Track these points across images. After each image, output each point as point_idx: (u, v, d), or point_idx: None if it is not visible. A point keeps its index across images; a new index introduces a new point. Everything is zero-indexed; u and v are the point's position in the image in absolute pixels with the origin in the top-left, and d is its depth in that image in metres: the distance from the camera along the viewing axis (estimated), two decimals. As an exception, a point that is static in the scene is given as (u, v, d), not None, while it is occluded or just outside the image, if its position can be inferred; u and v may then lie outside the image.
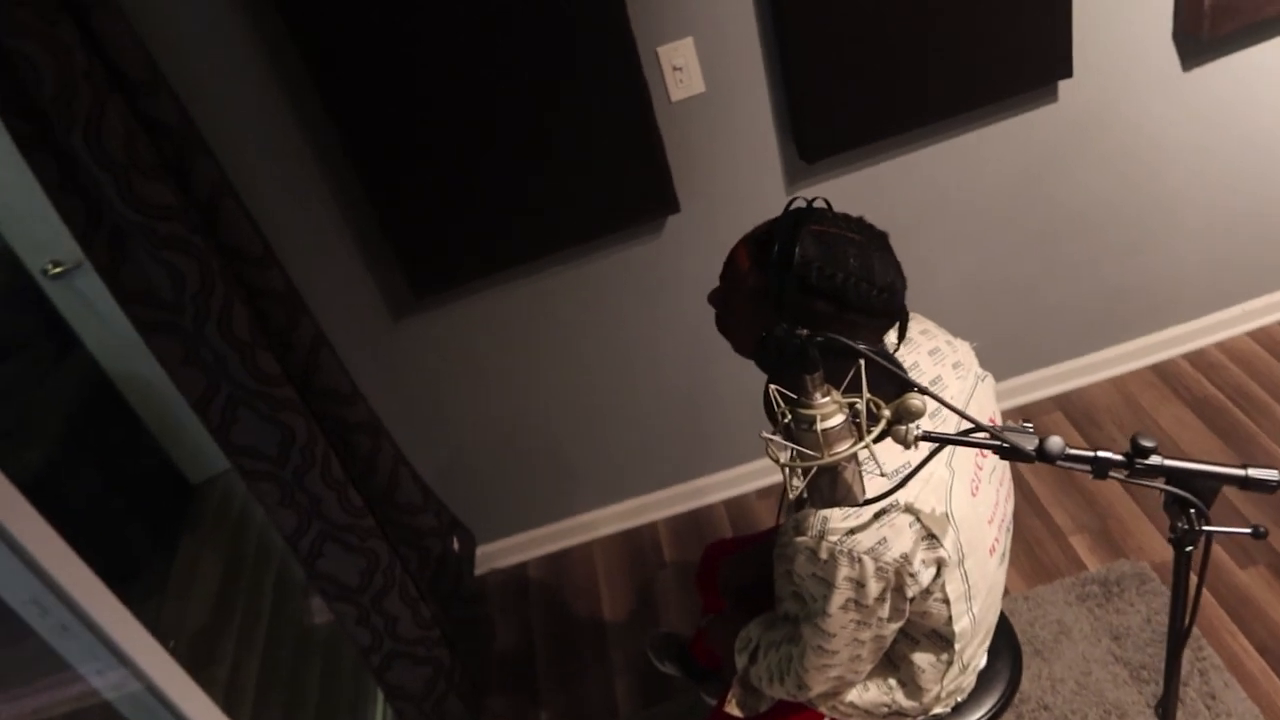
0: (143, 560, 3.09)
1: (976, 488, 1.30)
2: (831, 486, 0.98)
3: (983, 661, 1.56)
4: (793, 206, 1.24)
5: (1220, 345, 2.77)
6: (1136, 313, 2.67)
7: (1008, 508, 1.43)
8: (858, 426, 0.96)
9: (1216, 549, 2.27)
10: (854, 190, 2.24)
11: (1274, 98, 2.33)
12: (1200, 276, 2.63)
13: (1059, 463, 0.91)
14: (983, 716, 1.54)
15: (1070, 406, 2.73)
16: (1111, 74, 2.22)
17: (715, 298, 1.30)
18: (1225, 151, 2.40)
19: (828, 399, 0.94)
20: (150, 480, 3.31)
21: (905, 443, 0.95)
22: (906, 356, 1.35)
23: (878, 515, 1.18)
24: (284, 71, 1.89)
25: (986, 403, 1.39)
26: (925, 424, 0.98)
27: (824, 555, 1.20)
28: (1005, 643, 1.63)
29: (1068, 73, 2.15)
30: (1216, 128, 2.35)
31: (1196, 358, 2.75)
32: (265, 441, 1.75)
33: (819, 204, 1.24)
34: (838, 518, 1.19)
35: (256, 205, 1.99)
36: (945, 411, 1.28)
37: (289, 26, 1.78)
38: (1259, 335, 2.76)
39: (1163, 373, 2.74)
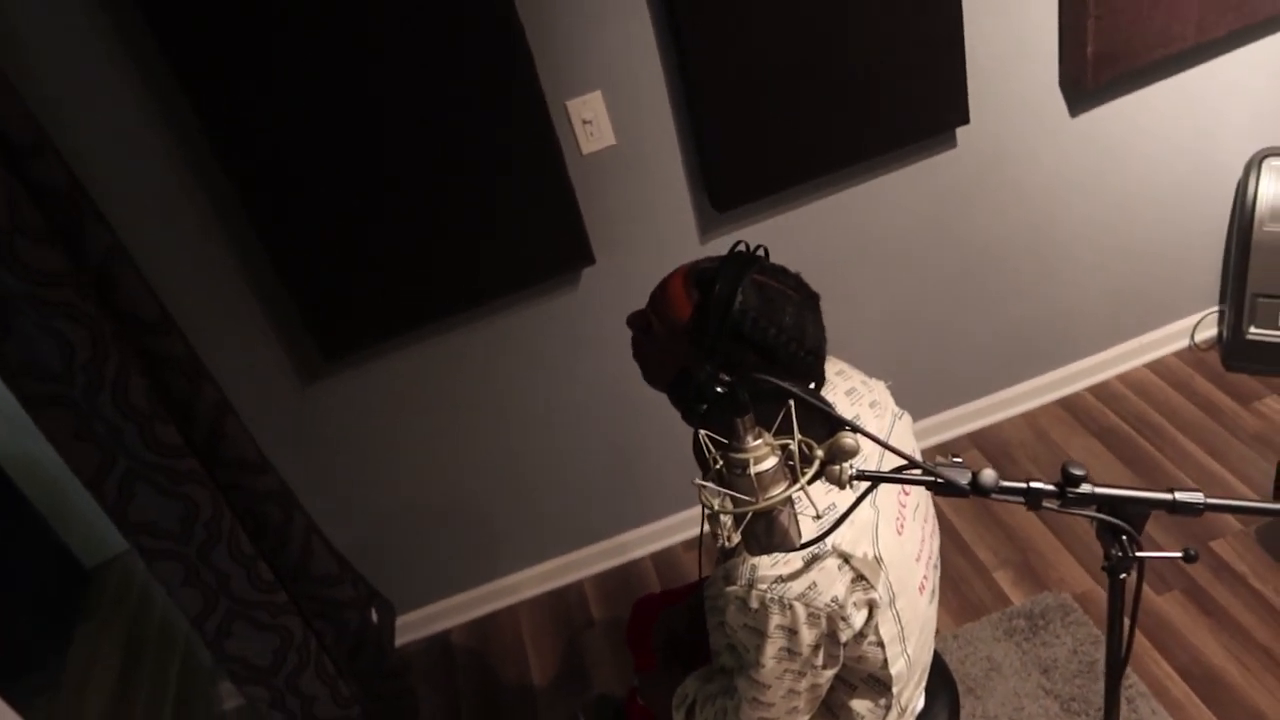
0: (33, 653, 2.88)
1: (901, 526, 1.30)
2: (768, 532, 0.96)
3: (920, 704, 1.55)
4: (736, 250, 1.23)
5: (1121, 377, 2.86)
6: (1042, 348, 2.75)
7: (934, 544, 1.43)
8: (791, 469, 0.94)
9: (1131, 576, 2.32)
10: (766, 236, 2.26)
11: (1157, 138, 2.45)
12: (1098, 311, 2.73)
13: (993, 495, 0.91)
14: (924, 760, 1.52)
15: (985, 442, 2.78)
16: (1006, 120, 2.31)
17: (637, 322, 1.28)
18: (1112, 192, 2.51)
19: (760, 441, 0.92)
20: (40, 566, 3.10)
21: (840, 482, 0.93)
22: (825, 397, 1.35)
23: (807, 561, 1.17)
24: (178, 131, 1.83)
25: (905, 440, 1.40)
26: (854, 462, 0.96)
27: (754, 604, 1.18)
28: (941, 683, 1.61)
29: (964, 119, 2.23)
30: (1103, 169, 2.46)
31: (1100, 390, 2.84)
32: (166, 517, 1.65)
33: (760, 253, 1.24)
34: (766, 565, 1.17)
35: (153, 269, 1.91)
36: (867, 451, 1.28)
37: (179, 79, 1.72)
38: (1156, 366, 2.87)
39: (1070, 406, 2.82)
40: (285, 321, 2.08)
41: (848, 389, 1.37)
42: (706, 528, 1.00)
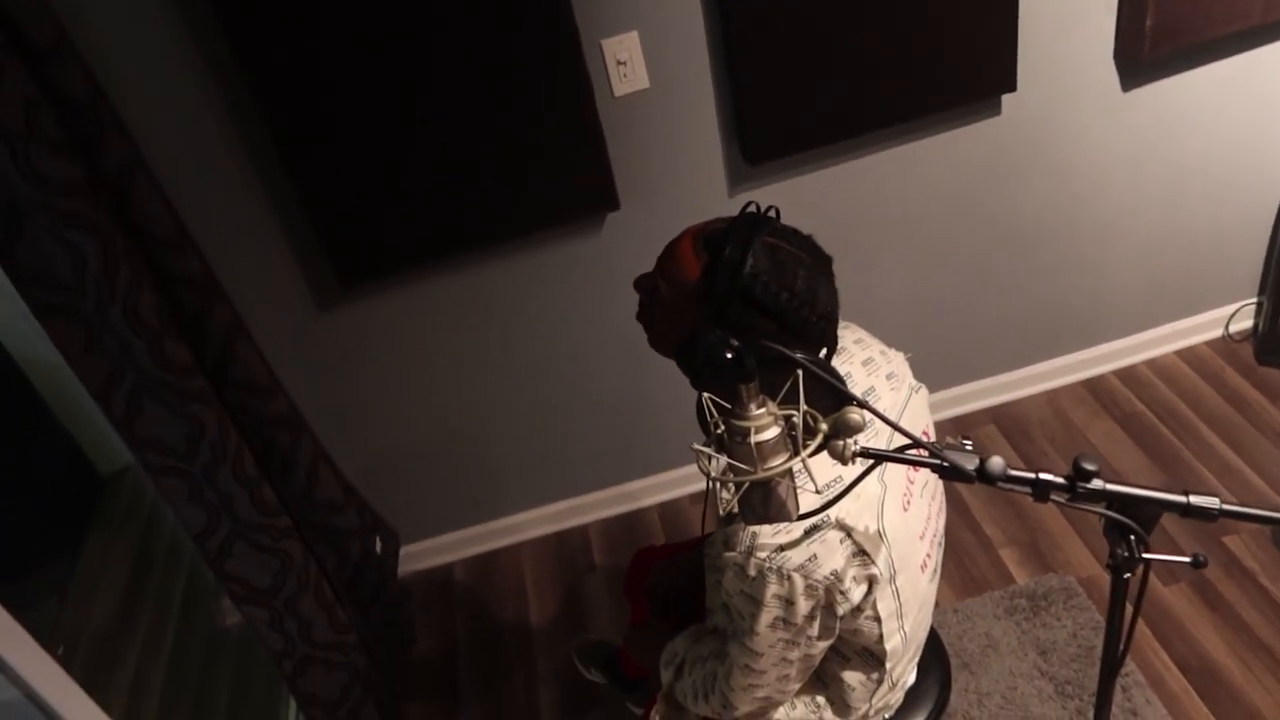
0: (44, 555, 2.93)
1: (908, 502, 1.27)
2: (764, 502, 0.94)
3: (912, 678, 1.54)
4: (747, 211, 1.19)
5: (1149, 363, 2.80)
6: (1070, 328, 2.70)
7: (940, 522, 1.41)
8: (793, 440, 0.92)
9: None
10: (795, 194, 2.21)
11: (1209, 121, 2.36)
12: (1132, 295, 2.66)
13: (1000, 484, 0.88)
14: (910, 735, 1.51)
15: (1003, 419, 2.74)
16: (1054, 90, 2.23)
17: (644, 285, 1.24)
18: (1159, 172, 2.43)
19: (763, 410, 0.89)
20: (56, 471, 3.14)
21: (843, 458, 0.91)
22: (840, 366, 1.32)
23: (809, 532, 1.14)
24: (204, 44, 1.79)
25: (920, 415, 1.36)
26: (859, 438, 0.94)
27: (752, 572, 1.16)
28: (934, 658, 1.60)
29: (1012, 86, 2.15)
30: (1152, 148, 2.38)
31: (1126, 374, 2.79)
32: (172, 435, 1.65)
33: (771, 214, 1.20)
34: (767, 533, 1.15)
35: (172, 185, 1.89)
36: (878, 425, 1.25)
37: (212, -3, 1.68)
38: (1186, 355, 2.80)
39: (1094, 388, 2.77)
40: (304, 246, 2.06)
41: (865, 358, 1.34)
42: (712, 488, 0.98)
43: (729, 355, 0.93)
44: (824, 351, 1.21)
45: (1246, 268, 2.70)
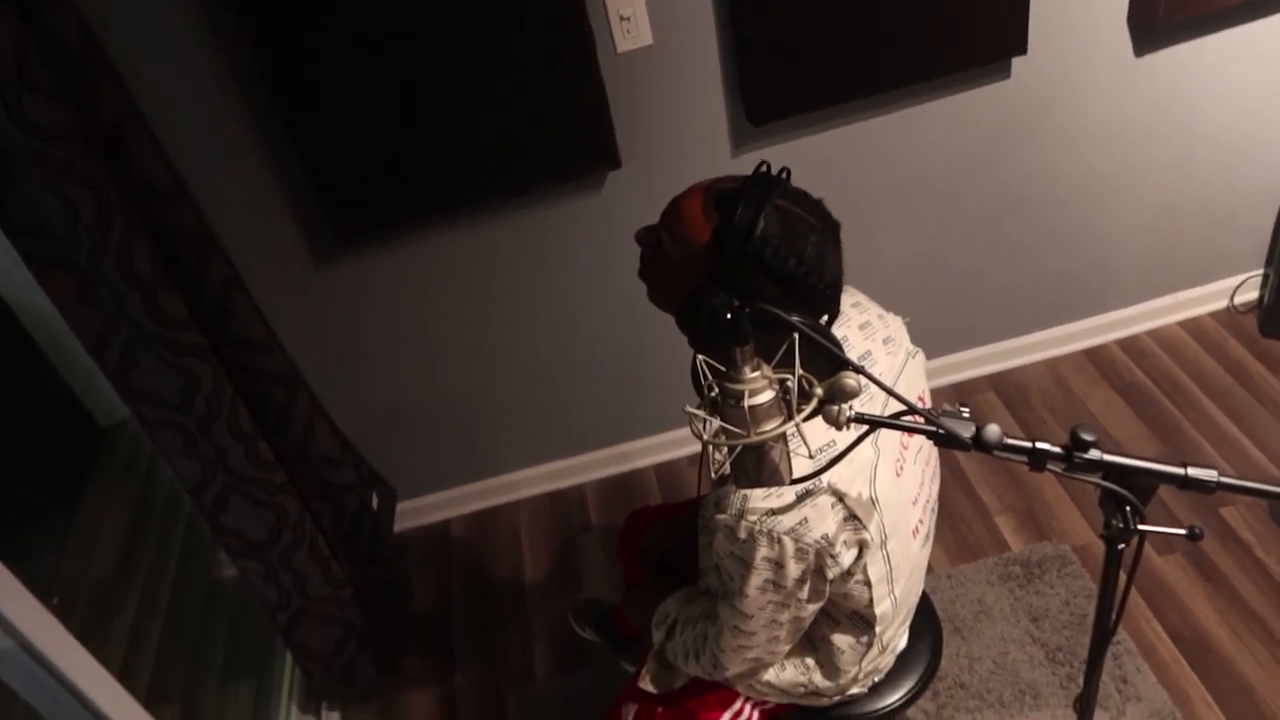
0: (43, 506, 2.94)
1: (901, 468, 1.27)
2: (757, 466, 0.93)
3: (903, 643, 1.54)
4: (759, 172, 1.17)
5: (1152, 333, 2.79)
6: (1073, 296, 2.68)
7: (933, 488, 1.40)
8: (787, 404, 0.91)
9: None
10: (799, 156, 2.18)
11: (1222, 88, 2.33)
12: (1137, 264, 2.64)
13: (996, 453, 0.87)
14: (901, 698, 1.52)
15: (1003, 386, 2.73)
16: (1065, 54, 2.19)
17: (647, 239, 1.22)
18: (1170, 140, 2.39)
19: (757, 374, 0.88)
20: (55, 422, 3.15)
21: (837, 424, 0.90)
22: (837, 330, 1.30)
23: (800, 496, 1.14)
24: (202, -8, 1.76)
25: (916, 379, 1.35)
26: (855, 403, 0.93)
27: (743, 535, 1.16)
28: (926, 623, 1.61)
29: (1022, 49, 2.11)
30: (1163, 115, 2.34)
31: (1129, 344, 2.77)
32: (167, 388, 1.64)
33: (783, 176, 1.18)
34: (759, 497, 1.14)
35: (168, 136, 1.86)
36: (873, 390, 1.24)
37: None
38: (1190, 325, 2.78)
39: (1095, 357, 2.76)
40: (302, 201, 2.04)
41: (862, 322, 1.32)
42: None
43: (731, 317, 0.92)
44: (825, 318, 1.19)
45: (1254, 239, 2.67)
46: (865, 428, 0.98)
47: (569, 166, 2.06)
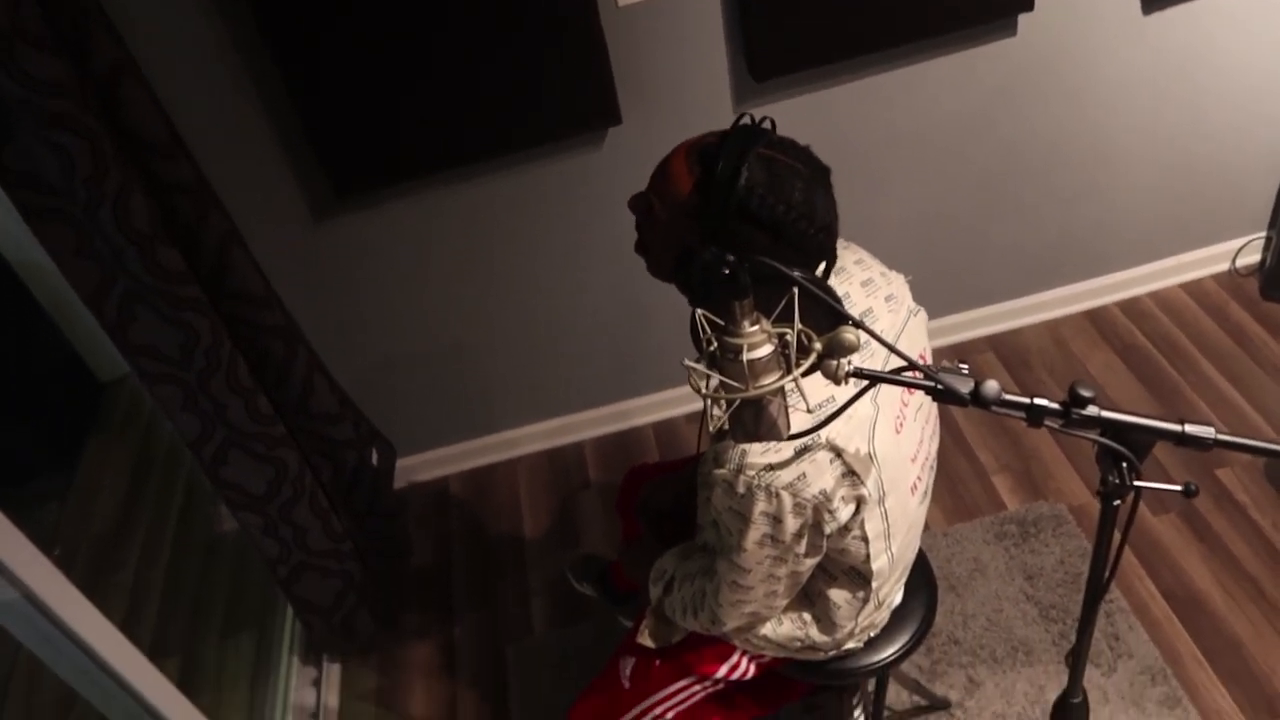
0: (44, 461, 2.96)
1: (901, 425, 1.27)
2: (755, 420, 0.93)
3: (898, 598, 1.56)
4: (741, 123, 1.16)
5: (1153, 295, 2.78)
6: (1074, 258, 2.67)
7: (932, 446, 1.41)
8: (786, 358, 0.91)
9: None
10: (803, 113, 2.16)
11: (1231, 47, 2.30)
12: (1139, 226, 2.63)
13: (994, 408, 0.87)
14: (895, 653, 1.54)
15: (1003, 347, 2.73)
16: (1072, 11, 2.16)
17: (638, 205, 1.22)
18: (1177, 99, 2.37)
19: (756, 328, 0.88)
20: (55, 377, 3.15)
21: (836, 378, 0.90)
22: (838, 287, 1.30)
23: (799, 451, 1.14)
24: (197, -60, 1.73)
25: (918, 338, 1.35)
26: (855, 359, 0.92)
27: (741, 489, 1.16)
28: (922, 581, 1.62)
29: (1029, 5, 2.09)
30: (1171, 74, 2.32)
31: (1129, 306, 2.77)
32: (166, 342, 1.64)
33: (766, 125, 1.17)
34: (757, 452, 1.14)
35: (163, 88, 1.84)
36: (874, 347, 1.24)
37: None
38: (1191, 288, 2.78)
39: (1095, 319, 2.75)
40: (300, 156, 2.02)
41: (864, 279, 1.32)
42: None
43: (725, 272, 0.91)
44: (823, 266, 1.19)
45: (1258, 201, 2.66)
46: (864, 383, 0.98)
47: (569, 123, 2.04)
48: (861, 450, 1.18)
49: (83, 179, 1.45)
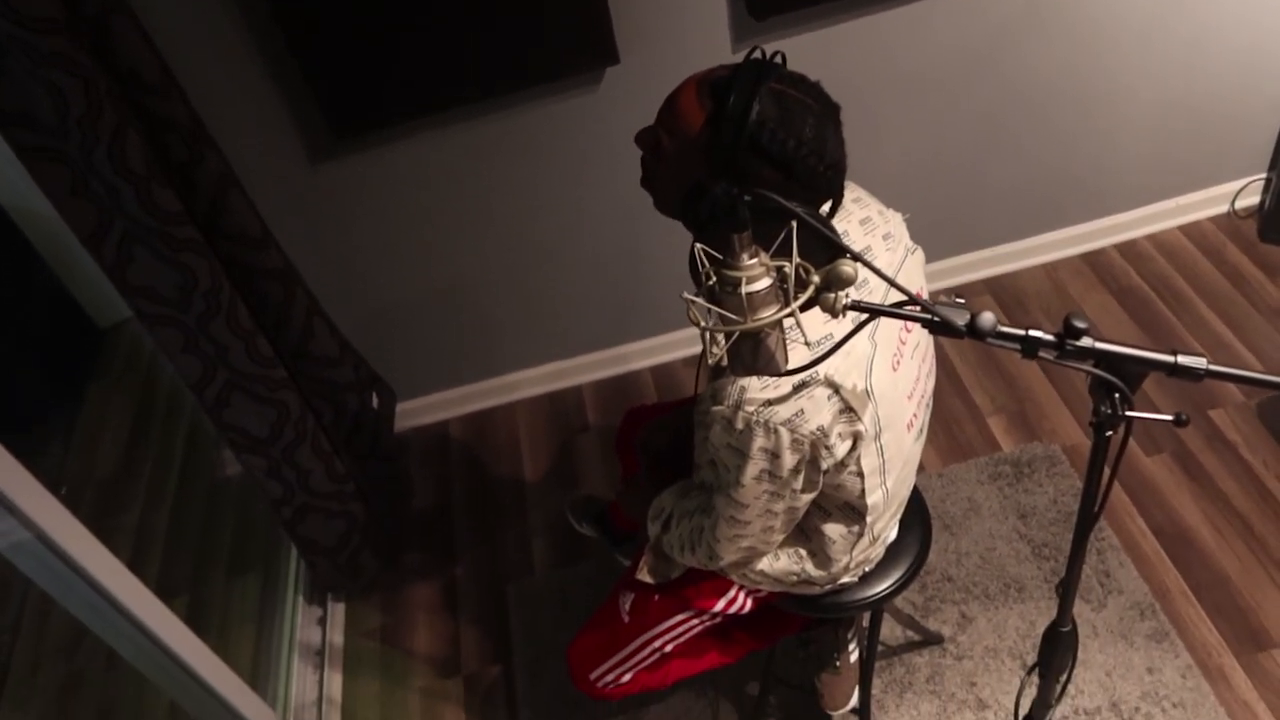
0: (44, 406, 2.97)
1: (898, 362, 1.28)
2: (753, 353, 0.94)
3: (893, 534, 1.59)
4: (752, 57, 1.15)
5: (1151, 238, 2.78)
6: (1073, 200, 2.66)
7: (929, 384, 1.42)
8: (785, 292, 0.91)
9: (1125, 435, 2.33)
10: (803, 52, 2.14)
11: (1235, -17, 2.27)
12: (1138, 167, 2.62)
13: (989, 340, 0.88)
14: (889, 587, 1.57)
15: (1000, 290, 2.74)
16: (1076, -56, 2.13)
17: (646, 139, 1.21)
18: (1176, 40, 2.34)
19: (755, 261, 0.89)
20: (54, 323, 3.16)
21: (833, 311, 0.90)
22: (837, 224, 1.30)
23: (797, 387, 1.15)
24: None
25: (915, 276, 1.36)
26: (853, 296, 0.93)
27: (740, 425, 1.18)
28: (917, 518, 1.65)
29: (1032, -60, 2.06)
30: (1170, 13, 2.29)
31: (1127, 248, 2.77)
32: (164, 284, 1.65)
33: (777, 60, 1.16)
34: (755, 388, 1.16)
35: (154, 26, 1.82)
36: (872, 284, 1.25)
37: None
38: (1190, 230, 2.78)
39: (1092, 261, 2.76)
40: (295, 94, 2.01)
41: (862, 218, 1.32)
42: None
43: (734, 206, 0.91)
44: (829, 204, 1.19)
45: (1258, 142, 2.64)
46: (862, 318, 0.99)
47: (566, 63, 2.02)
48: (859, 387, 1.19)
49: (76, 119, 1.44)
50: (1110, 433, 0.92)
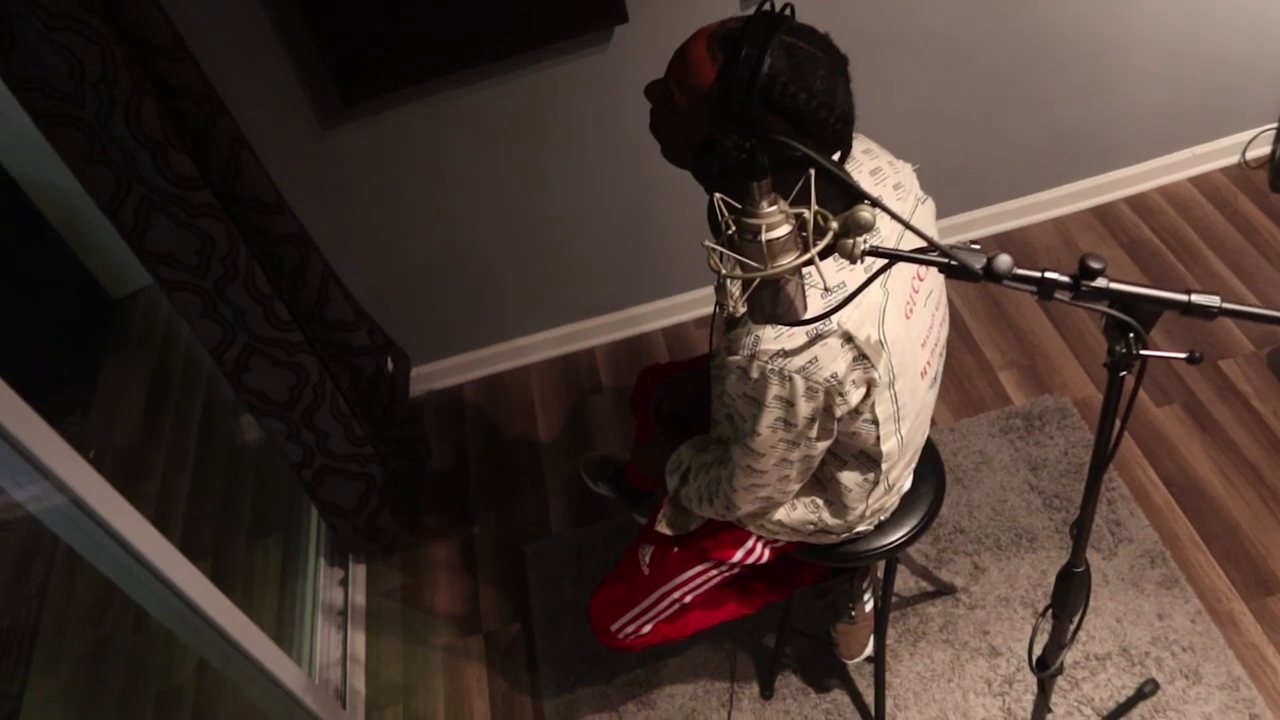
0: (63, 376, 3.00)
1: (911, 310, 1.29)
2: (773, 301, 0.95)
3: (907, 484, 1.61)
4: (763, 9, 1.15)
5: (1162, 190, 2.77)
6: (1083, 154, 2.65)
7: (942, 332, 1.43)
8: (803, 239, 0.93)
9: (1136, 387, 2.34)
10: (812, 6, 2.13)
11: (1247, -71, 2.25)
12: (1149, 119, 2.61)
13: (1005, 282, 0.89)
14: (903, 535, 1.59)
15: (1010, 245, 2.74)
16: (1086, -107, 2.11)
17: (656, 92, 1.22)
18: (1191, -15, 2.33)
19: (774, 208, 0.90)
20: (69, 295, 3.18)
21: (851, 256, 0.92)
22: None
23: (811, 337, 1.17)
24: None
25: (926, 226, 1.37)
26: (865, 244, 0.94)
27: (755, 374, 1.19)
28: (930, 468, 1.67)
29: (1042, -112, 2.04)
30: (1185, -41, 2.27)
31: (1137, 201, 2.76)
32: (183, 249, 1.66)
33: (786, 12, 1.16)
34: (769, 338, 1.17)
35: (165, -8, 1.82)
36: (884, 232, 1.26)
37: None
38: (1200, 181, 2.77)
39: (1102, 215, 2.75)
40: (307, 61, 2.01)
41: (873, 168, 1.33)
42: (718, 299, 0.99)
43: (745, 159, 0.92)
44: (838, 155, 1.20)
45: (1269, 91, 2.63)
46: (876, 269, 1.00)
47: (575, 22, 2.02)
48: (872, 337, 1.21)
49: (92, 84, 1.45)
50: (1125, 373, 0.94)
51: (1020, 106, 2.47)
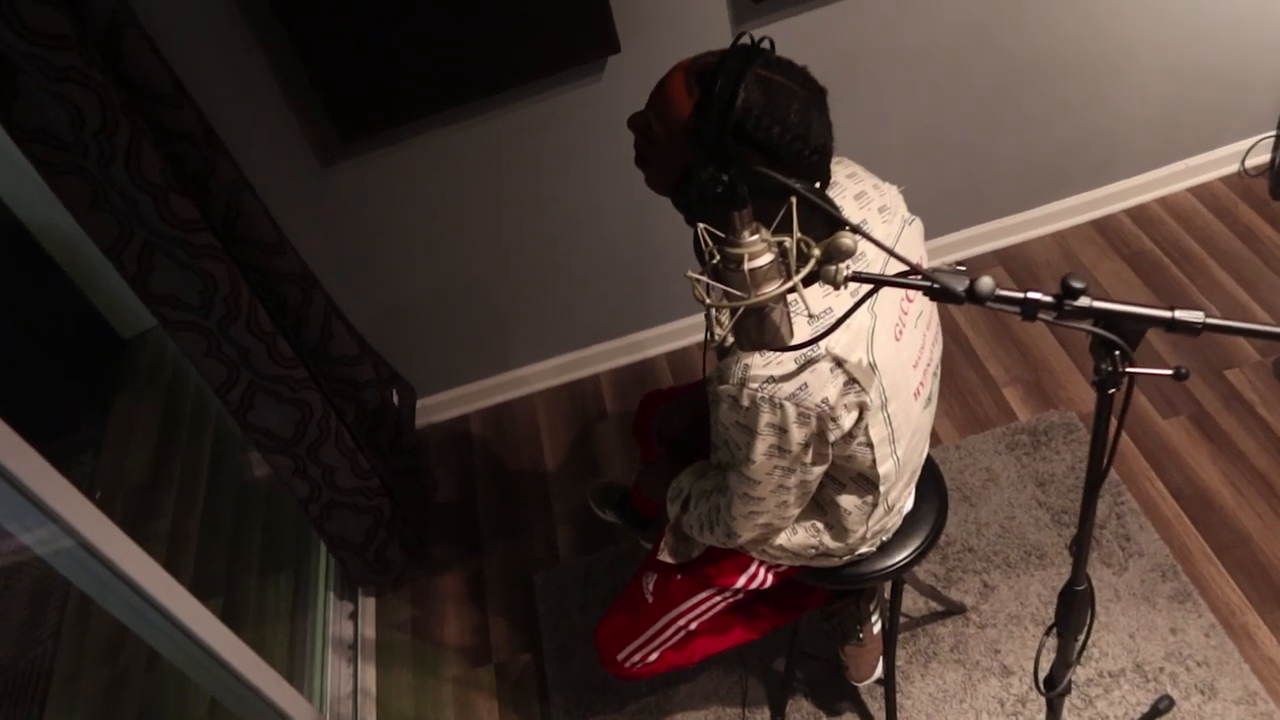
0: (73, 418, 3.03)
1: (900, 332, 1.30)
2: (759, 328, 0.96)
3: (909, 504, 1.60)
4: (739, 43, 1.17)
5: (1161, 201, 2.77)
6: (1081, 167, 2.66)
7: (935, 352, 1.43)
8: (786, 266, 0.93)
9: (1141, 399, 2.34)
10: (800, 32, 2.15)
11: (1234, -59, 2.26)
12: (1146, 130, 2.61)
13: (989, 304, 0.90)
14: (907, 556, 1.59)
15: (1010, 261, 2.74)
16: (1072, -89, 2.13)
17: (637, 123, 1.24)
18: (1180, 2, 2.34)
19: (756, 237, 0.91)
20: (78, 336, 3.21)
21: (835, 283, 0.92)
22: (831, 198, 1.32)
23: (800, 364, 1.17)
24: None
25: (913, 247, 1.37)
26: (853, 268, 0.95)
27: (745, 402, 1.20)
28: (932, 488, 1.66)
29: (1027, -92, 2.06)
30: (1174, -28, 2.28)
31: (1138, 213, 2.76)
32: (186, 290, 1.68)
33: (764, 45, 1.18)
34: (759, 365, 1.18)
35: (163, 39, 1.86)
36: (870, 256, 1.27)
37: None
38: (1200, 191, 2.77)
39: (1103, 228, 2.75)
40: (303, 100, 2.04)
41: (858, 192, 1.34)
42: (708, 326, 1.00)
43: (720, 191, 0.94)
44: (816, 185, 1.21)
45: (1266, 99, 2.63)
46: (863, 293, 1.01)
47: (568, 54, 2.05)
48: (863, 361, 1.21)
49: (92, 133, 1.48)
50: (1113, 390, 0.94)
51: (1015, 122, 2.48)
